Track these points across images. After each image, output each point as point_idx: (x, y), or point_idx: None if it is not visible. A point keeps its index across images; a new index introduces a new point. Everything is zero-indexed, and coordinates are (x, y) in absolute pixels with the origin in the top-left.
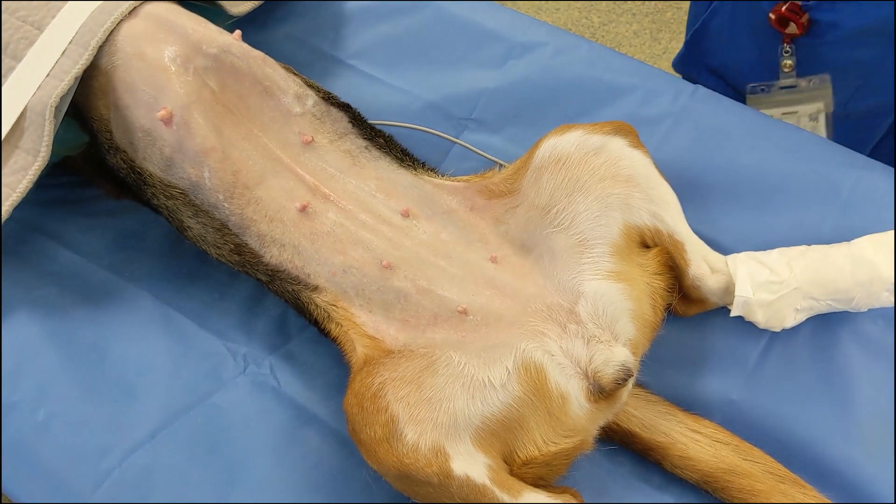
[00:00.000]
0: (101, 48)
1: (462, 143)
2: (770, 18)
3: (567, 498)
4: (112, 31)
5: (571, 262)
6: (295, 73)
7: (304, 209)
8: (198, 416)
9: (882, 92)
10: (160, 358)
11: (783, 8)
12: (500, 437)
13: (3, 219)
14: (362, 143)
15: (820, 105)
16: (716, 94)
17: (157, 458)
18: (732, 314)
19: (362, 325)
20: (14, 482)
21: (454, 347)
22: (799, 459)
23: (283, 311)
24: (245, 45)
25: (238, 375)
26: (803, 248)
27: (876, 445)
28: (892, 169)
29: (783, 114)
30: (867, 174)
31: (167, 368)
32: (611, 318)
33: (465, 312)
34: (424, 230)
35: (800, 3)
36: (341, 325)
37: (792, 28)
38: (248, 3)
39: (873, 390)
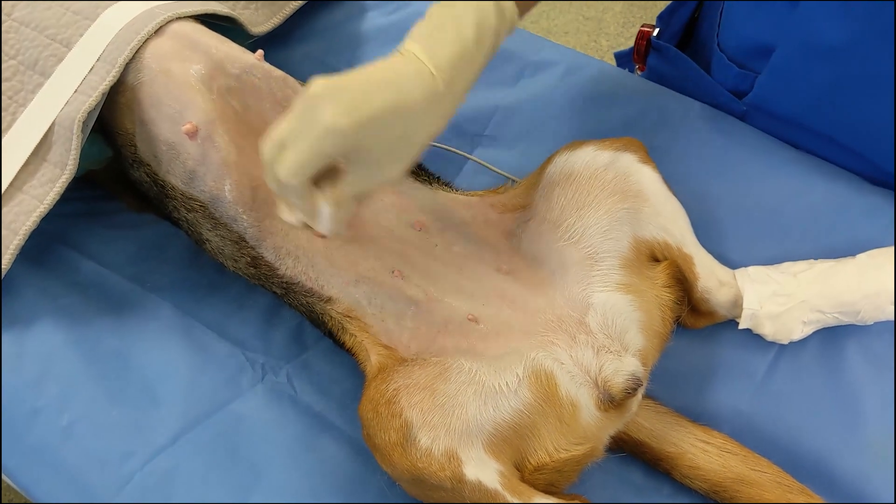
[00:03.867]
0: (127, 65)
1: (475, 158)
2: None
3: None
4: (138, 49)
5: (582, 275)
6: None
7: None
8: (217, 422)
9: None
10: (181, 366)
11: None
12: (511, 443)
13: (32, 229)
14: None
15: None
16: (723, 113)
17: (177, 462)
18: (741, 326)
19: (375, 334)
20: (39, 485)
21: (465, 355)
22: (807, 470)
23: (300, 321)
24: (267, 66)
25: (256, 384)
26: (810, 261)
27: (882, 456)
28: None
29: None
30: (872, 188)
31: (188, 376)
32: (620, 328)
33: (475, 320)
34: (436, 242)
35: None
36: (355, 336)
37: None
38: (268, 23)
39: (880, 402)
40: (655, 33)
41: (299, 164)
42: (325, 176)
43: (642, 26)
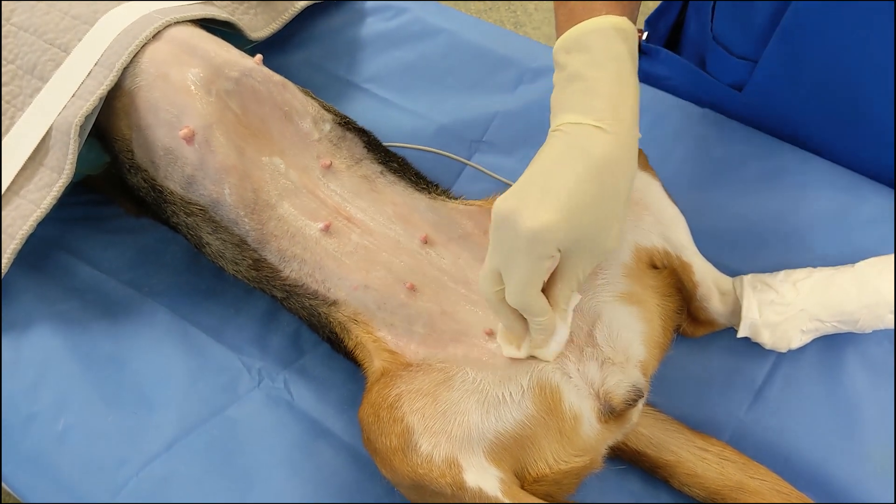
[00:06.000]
0: (125, 70)
1: (474, 164)
2: None
3: None
4: (136, 53)
5: (587, 285)
6: (313, 97)
7: (327, 228)
8: (213, 428)
9: None
10: (177, 371)
11: None
12: (512, 452)
13: (29, 233)
14: (377, 167)
15: None
16: (723, 117)
17: (173, 468)
18: (739, 335)
19: (382, 339)
20: (33, 491)
21: (472, 364)
22: (804, 478)
23: (298, 327)
24: (266, 70)
25: (253, 389)
26: (808, 269)
27: (880, 464)
28: (893, 192)
29: None
30: (872, 198)
31: (184, 381)
32: (625, 341)
33: (490, 334)
34: (443, 256)
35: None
36: (359, 338)
37: None
38: (267, 28)
39: (878, 410)
40: (644, 37)
41: (525, 282)
42: None
43: None
